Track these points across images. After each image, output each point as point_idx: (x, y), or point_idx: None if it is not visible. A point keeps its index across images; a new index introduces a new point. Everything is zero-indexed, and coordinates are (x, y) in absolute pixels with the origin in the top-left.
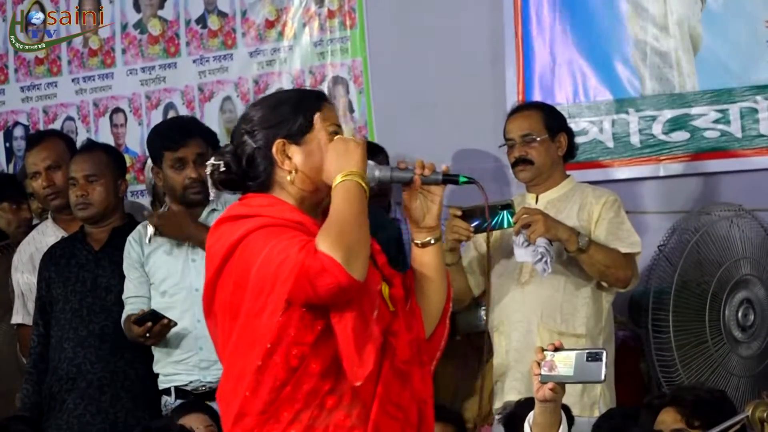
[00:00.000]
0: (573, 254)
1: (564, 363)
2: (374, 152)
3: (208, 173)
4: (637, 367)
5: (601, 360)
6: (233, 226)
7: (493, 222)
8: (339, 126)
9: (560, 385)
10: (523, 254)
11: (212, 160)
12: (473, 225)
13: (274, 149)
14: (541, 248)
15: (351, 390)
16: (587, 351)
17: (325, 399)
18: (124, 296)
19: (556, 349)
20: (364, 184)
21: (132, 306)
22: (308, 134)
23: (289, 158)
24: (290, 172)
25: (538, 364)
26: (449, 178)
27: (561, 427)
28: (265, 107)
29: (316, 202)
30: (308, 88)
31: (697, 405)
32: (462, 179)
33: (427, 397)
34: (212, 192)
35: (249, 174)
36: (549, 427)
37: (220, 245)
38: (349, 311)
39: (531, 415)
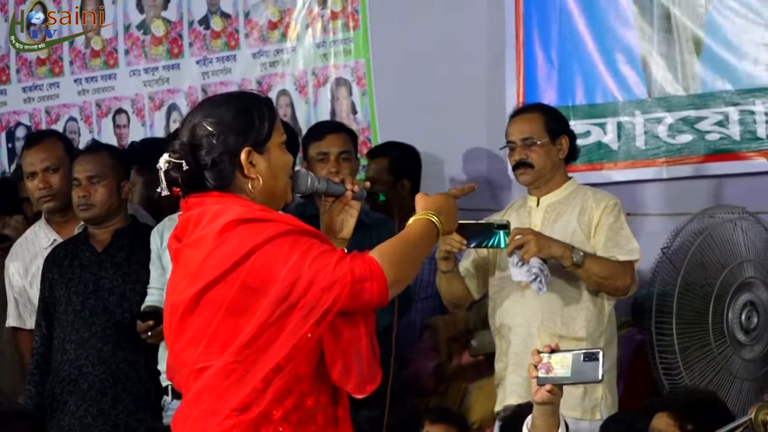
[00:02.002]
0: (569, 269)
1: (561, 364)
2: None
3: (163, 169)
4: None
5: (597, 360)
6: (249, 229)
7: (489, 241)
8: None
9: (558, 387)
10: (518, 274)
11: (168, 157)
12: (472, 245)
13: (243, 156)
14: (535, 268)
15: (326, 392)
16: (584, 351)
17: (305, 399)
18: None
19: (553, 351)
20: (441, 232)
21: (149, 297)
22: (268, 143)
23: (253, 166)
24: (254, 180)
25: (535, 366)
26: (372, 196)
27: (559, 430)
28: (231, 110)
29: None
30: (255, 91)
31: (689, 408)
32: (382, 197)
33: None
34: (164, 190)
35: (208, 175)
36: (547, 430)
37: (233, 246)
38: (364, 327)
39: (529, 418)
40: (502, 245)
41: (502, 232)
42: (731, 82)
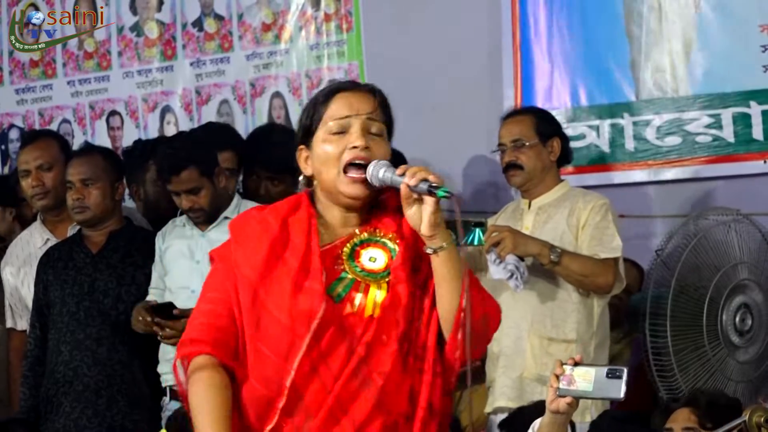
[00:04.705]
0: (547, 267)
1: (583, 378)
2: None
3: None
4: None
5: (621, 377)
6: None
7: (466, 239)
8: (348, 117)
9: (576, 399)
10: (495, 271)
11: None
12: None
13: (297, 155)
14: (511, 265)
15: None
16: (608, 368)
17: None
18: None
19: (576, 364)
20: None
21: (149, 298)
22: (314, 136)
23: (306, 164)
24: (308, 178)
25: (557, 377)
26: (431, 191)
27: None
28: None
29: (338, 205)
30: (342, 80)
31: (711, 407)
32: (440, 193)
33: (408, 408)
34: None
35: None
36: None
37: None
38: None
39: (537, 422)
40: (477, 242)
41: (478, 230)
42: (725, 84)
